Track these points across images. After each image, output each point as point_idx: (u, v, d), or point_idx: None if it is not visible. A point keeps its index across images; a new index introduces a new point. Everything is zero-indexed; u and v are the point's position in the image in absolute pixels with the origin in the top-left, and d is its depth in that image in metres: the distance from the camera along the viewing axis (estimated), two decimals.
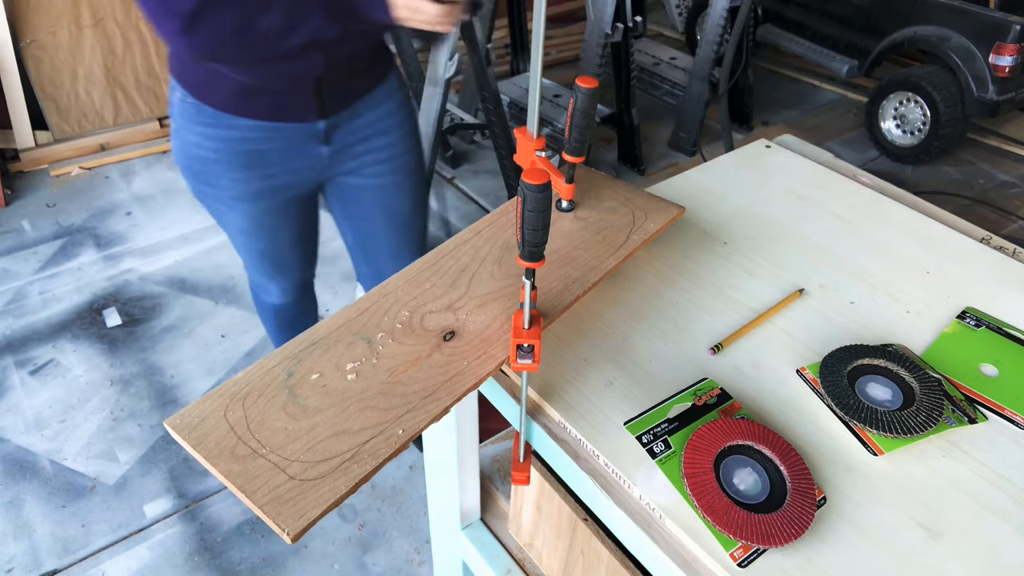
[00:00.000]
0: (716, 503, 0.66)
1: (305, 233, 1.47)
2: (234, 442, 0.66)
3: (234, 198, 1.29)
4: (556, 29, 4.15)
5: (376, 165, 1.35)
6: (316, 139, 1.25)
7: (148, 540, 1.74)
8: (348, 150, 1.31)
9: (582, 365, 0.81)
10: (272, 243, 1.41)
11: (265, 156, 1.24)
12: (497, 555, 1.04)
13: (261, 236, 1.39)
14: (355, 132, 1.29)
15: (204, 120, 1.20)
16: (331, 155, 1.30)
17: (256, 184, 1.27)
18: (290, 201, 1.35)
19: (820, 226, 1.04)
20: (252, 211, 1.32)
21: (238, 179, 1.26)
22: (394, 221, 1.44)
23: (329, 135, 1.26)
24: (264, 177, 1.27)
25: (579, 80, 0.82)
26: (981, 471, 0.72)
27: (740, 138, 3.36)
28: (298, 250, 1.48)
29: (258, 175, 1.26)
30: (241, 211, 1.32)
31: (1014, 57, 2.87)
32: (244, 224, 1.35)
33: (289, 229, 1.41)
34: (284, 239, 1.42)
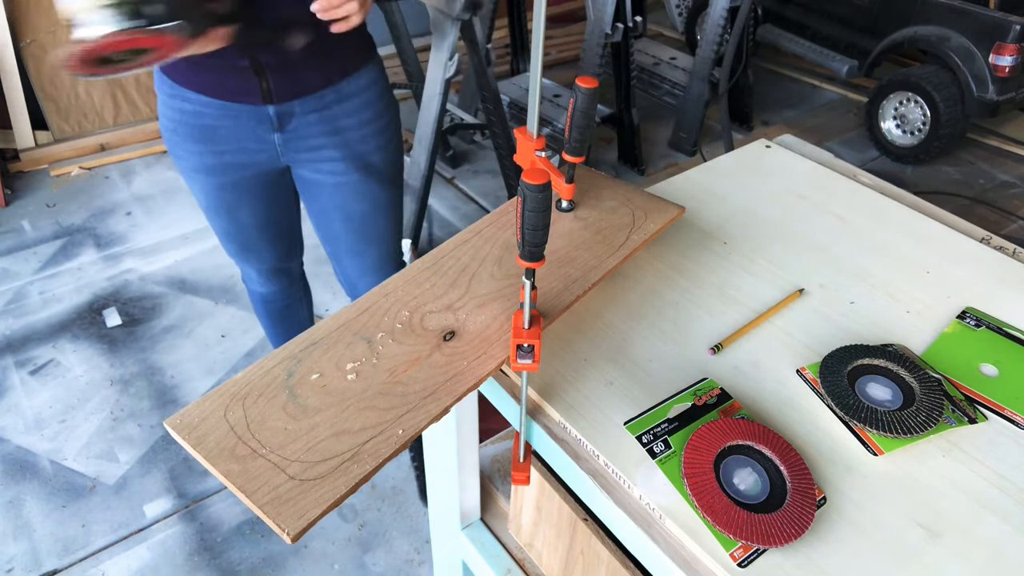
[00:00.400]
0: (716, 503, 0.66)
1: (270, 218, 1.44)
2: (234, 442, 0.66)
3: (191, 169, 1.30)
4: (556, 29, 4.15)
5: (332, 163, 1.32)
6: (268, 124, 1.24)
7: (148, 540, 1.74)
8: (302, 142, 1.28)
9: (582, 365, 0.81)
10: (231, 223, 1.41)
11: (216, 132, 1.24)
12: (497, 555, 1.04)
13: (220, 213, 1.38)
14: (311, 125, 1.26)
15: (166, 90, 1.23)
16: (284, 143, 1.28)
17: (209, 159, 1.28)
18: (246, 181, 1.33)
19: (820, 226, 1.04)
20: (207, 185, 1.32)
21: (192, 151, 1.27)
22: (351, 221, 1.41)
23: (282, 122, 1.25)
24: (215, 153, 1.27)
25: (579, 80, 0.82)
26: (981, 471, 0.72)
27: (740, 138, 3.36)
28: (263, 234, 1.46)
29: (210, 150, 1.27)
30: (198, 184, 1.33)
31: (1014, 57, 2.87)
32: (202, 199, 1.36)
33: (247, 210, 1.39)
34: (244, 220, 1.40)
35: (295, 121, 1.25)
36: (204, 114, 1.22)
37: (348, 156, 1.31)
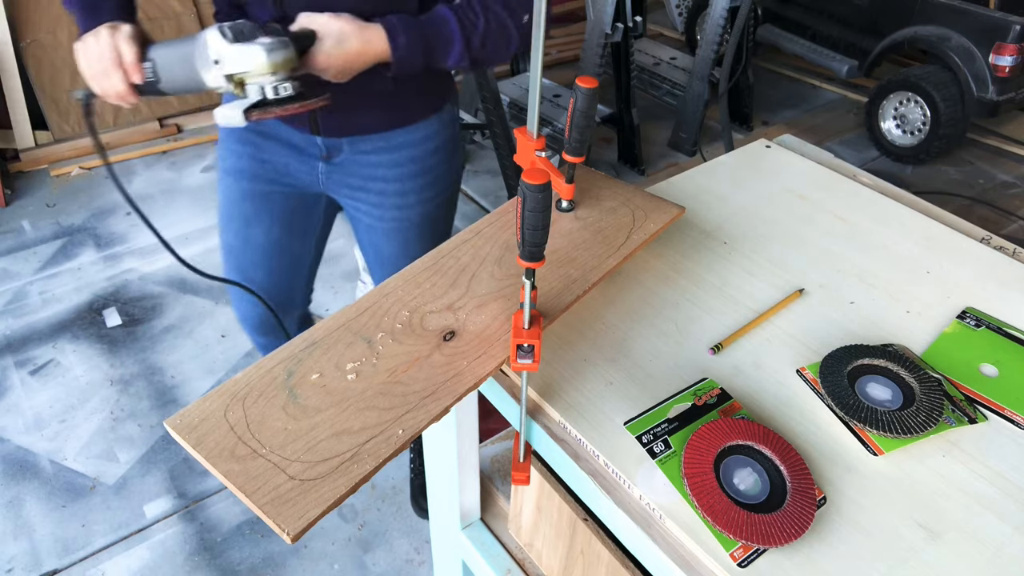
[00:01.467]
0: (716, 503, 0.66)
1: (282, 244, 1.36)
2: (234, 442, 0.66)
3: (226, 170, 1.27)
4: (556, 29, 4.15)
5: (369, 206, 1.28)
6: (316, 152, 1.21)
7: (148, 540, 1.74)
8: (345, 178, 1.25)
9: (582, 365, 0.81)
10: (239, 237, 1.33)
11: (266, 139, 1.22)
12: (497, 555, 1.04)
13: (233, 222, 1.32)
14: (357, 166, 1.23)
15: None
16: (327, 173, 1.25)
17: (246, 161, 1.25)
18: (275, 196, 1.29)
19: (820, 226, 1.04)
20: (234, 190, 1.28)
21: (235, 151, 1.25)
22: (381, 259, 1.37)
23: (330, 154, 1.21)
24: (258, 159, 1.24)
25: (579, 80, 0.82)
26: (981, 471, 0.72)
27: (740, 138, 3.36)
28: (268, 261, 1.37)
29: (252, 153, 1.24)
30: (225, 187, 1.29)
31: (1014, 57, 2.87)
32: (224, 205, 1.31)
33: (262, 227, 1.32)
34: (254, 238, 1.33)
35: (343, 156, 1.22)
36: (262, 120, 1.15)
37: (384, 204, 1.27)
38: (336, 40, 0.94)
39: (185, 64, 0.92)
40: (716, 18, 2.97)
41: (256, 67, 0.89)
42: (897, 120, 3.25)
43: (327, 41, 0.94)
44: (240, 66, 0.89)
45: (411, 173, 1.24)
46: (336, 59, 0.95)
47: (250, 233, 1.33)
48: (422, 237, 1.34)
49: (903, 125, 3.24)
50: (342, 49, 0.95)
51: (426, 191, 1.28)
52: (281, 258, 1.38)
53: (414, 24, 0.99)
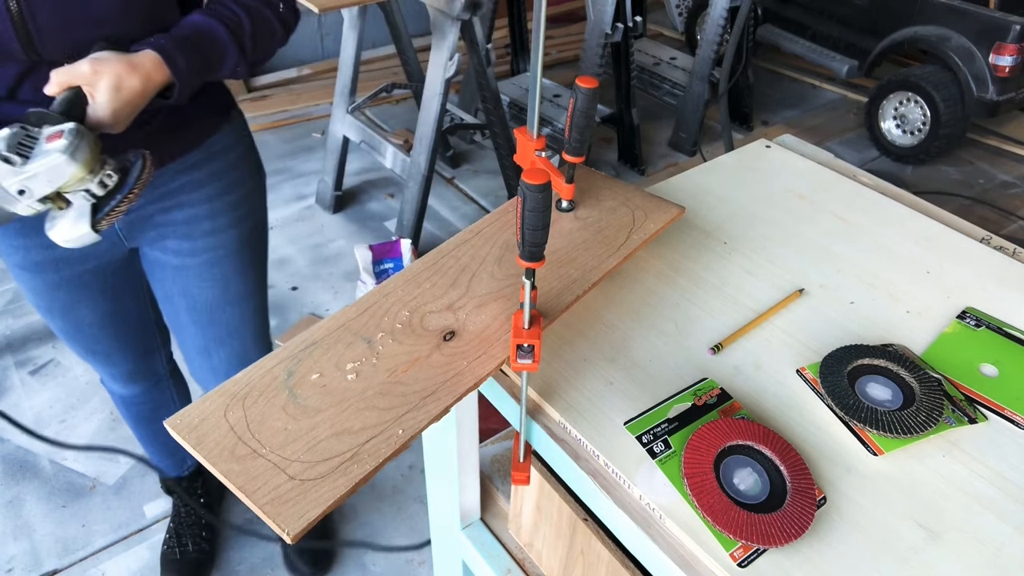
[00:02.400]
0: (716, 503, 0.66)
1: (115, 313, 1.22)
2: (234, 442, 0.66)
3: (17, 266, 1.10)
4: (556, 29, 4.15)
5: (177, 240, 1.13)
6: None
7: (148, 540, 1.74)
8: (147, 220, 1.09)
9: (582, 365, 0.81)
10: (70, 323, 1.19)
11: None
12: (497, 555, 1.04)
13: (55, 314, 1.17)
14: (154, 201, 1.07)
15: None
16: (127, 225, 1.09)
17: (35, 254, 1.07)
18: (85, 275, 1.13)
19: (820, 226, 1.04)
20: (37, 284, 1.12)
21: (16, 246, 1.06)
22: (196, 311, 1.22)
23: None
24: (43, 247, 1.06)
25: (579, 80, 0.82)
26: (981, 471, 0.72)
27: (740, 138, 3.36)
28: (110, 332, 1.24)
29: (36, 244, 1.06)
30: (26, 283, 1.12)
31: (1014, 57, 2.87)
32: (33, 298, 1.15)
33: (89, 308, 1.17)
34: (86, 318, 1.19)
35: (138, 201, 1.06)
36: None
37: (194, 233, 1.13)
38: (113, 87, 0.81)
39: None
40: (716, 18, 2.97)
41: (70, 177, 0.76)
42: (897, 120, 3.25)
43: (102, 93, 0.80)
44: (50, 185, 0.76)
45: (218, 191, 1.12)
46: (120, 108, 0.82)
47: (78, 314, 1.18)
48: (242, 270, 1.21)
49: (903, 125, 3.24)
50: (122, 95, 0.82)
51: (238, 208, 1.16)
52: (121, 325, 1.25)
53: (184, 42, 0.88)
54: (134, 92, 0.82)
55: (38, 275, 1.10)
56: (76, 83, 0.80)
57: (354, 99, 2.64)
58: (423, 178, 2.40)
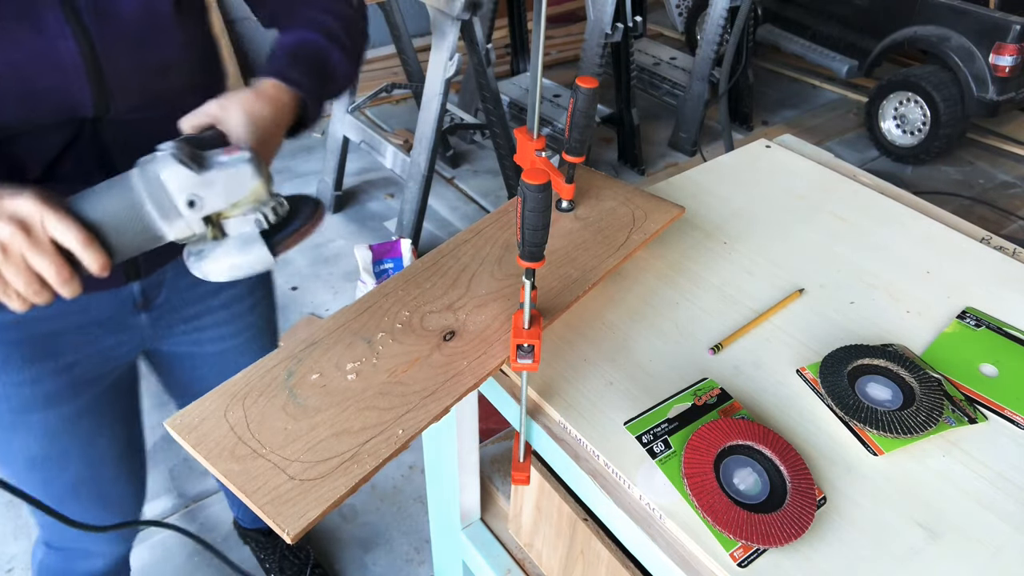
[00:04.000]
0: (716, 503, 0.66)
1: (133, 437, 1.08)
2: (234, 442, 0.66)
3: (18, 410, 0.90)
4: (556, 29, 4.15)
5: (216, 328, 1.04)
6: (131, 306, 0.92)
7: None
8: (177, 313, 0.98)
9: (582, 365, 0.81)
10: (88, 464, 1.00)
11: (59, 341, 0.88)
12: (497, 555, 1.04)
13: (70, 458, 0.97)
14: (186, 290, 0.97)
15: None
16: (153, 323, 0.97)
17: (49, 383, 0.89)
18: (105, 395, 0.97)
19: (820, 226, 1.04)
20: (49, 424, 0.92)
21: (21, 381, 0.88)
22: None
23: (149, 298, 0.93)
24: (59, 371, 0.90)
25: (579, 80, 0.82)
26: (981, 471, 0.72)
27: (740, 138, 3.36)
28: (127, 466, 1.07)
29: (50, 369, 0.89)
30: (31, 429, 0.92)
31: (1014, 57, 2.87)
32: (39, 449, 0.94)
33: (109, 436, 1.00)
34: (105, 453, 1.01)
35: (165, 291, 0.94)
36: (33, 320, 0.85)
37: (232, 316, 1.05)
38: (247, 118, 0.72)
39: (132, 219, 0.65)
40: (716, 18, 2.97)
41: (249, 193, 0.67)
42: (897, 120, 3.25)
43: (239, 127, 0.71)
44: (226, 198, 0.66)
45: None
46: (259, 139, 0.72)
47: (98, 450, 1.00)
48: (270, 340, 1.14)
49: (903, 125, 3.24)
50: (257, 125, 0.72)
51: (264, 282, 1.09)
52: (138, 452, 1.10)
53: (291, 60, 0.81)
54: (266, 120, 0.74)
55: (51, 410, 0.91)
56: (207, 123, 0.71)
57: (354, 99, 2.64)
58: (423, 178, 2.40)
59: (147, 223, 0.65)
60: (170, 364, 1.08)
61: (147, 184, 0.64)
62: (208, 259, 0.68)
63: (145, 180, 0.64)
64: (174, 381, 1.13)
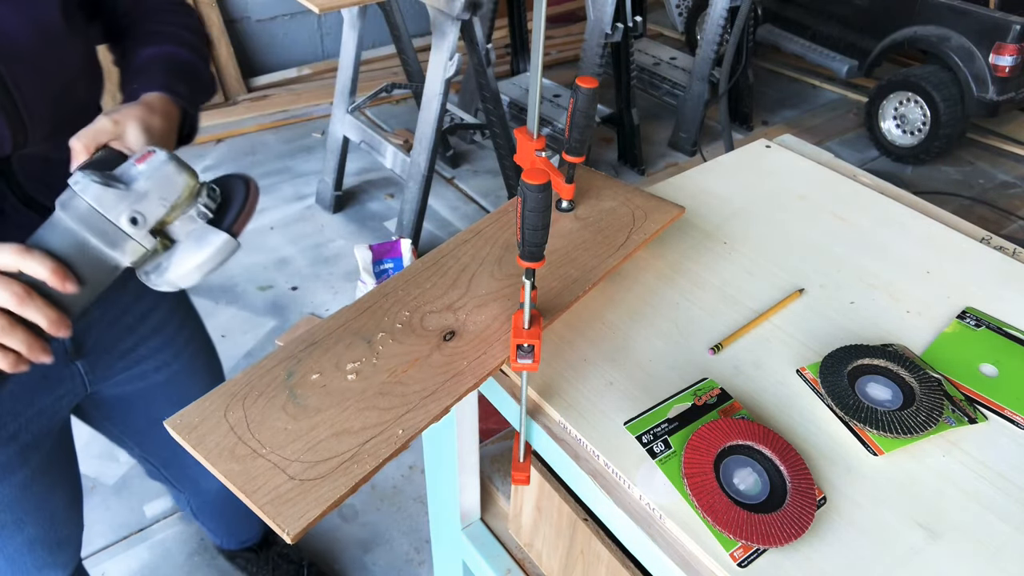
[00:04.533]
0: (716, 503, 0.66)
1: (76, 475, 1.04)
2: (234, 442, 0.66)
3: None
4: (556, 29, 4.15)
5: (155, 355, 1.00)
6: (62, 357, 0.89)
7: (148, 540, 1.74)
8: (112, 352, 0.95)
9: (582, 365, 0.81)
10: (43, 522, 0.98)
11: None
12: (497, 555, 1.04)
13: (26, 522, 0.94)
14: (114, 325, 0.93)
15: None
16: (91, 368, 0.94)
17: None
18: (51, 453, 0.95)
19: (820, 226, 1.04)
20: (3, 496, 0.91)
21: None
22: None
23: (79, 344, 0.90)
24: (4, 443, 0.88)
25: (579, 80, 0.82)
26: (981, 471, 0.72)
27: (740, 138, 3.36)
28: (76, 506, 1.05)
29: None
30: None
31: (1014, 57, 2.87)
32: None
33: (60, 490, 0.99)
34: (58, 507, 0.99)
35: (94, 332, 0.91)
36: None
37: (170, 336, 1.02)
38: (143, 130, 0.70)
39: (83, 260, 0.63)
40: (716, 18, 2.97)
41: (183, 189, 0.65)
42: (897, 120, 3.25)
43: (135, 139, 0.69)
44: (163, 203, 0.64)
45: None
46: None
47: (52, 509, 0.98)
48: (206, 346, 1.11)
49: (903, 125, 3.24)
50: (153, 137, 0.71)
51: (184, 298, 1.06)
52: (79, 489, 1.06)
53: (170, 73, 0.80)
54: (162, 131, 0.73)
55: (4, 483, 0.89)
56: (103, 140, 0.69)
57: (354, 99, 2.64)
58: (423, 178, 2.40)
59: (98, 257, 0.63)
60: (121, 408, 1.04)
61: (81, 220, 0.62)
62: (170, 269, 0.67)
63: (78, 217, 0.62)
64: (130, 426, 1.08)
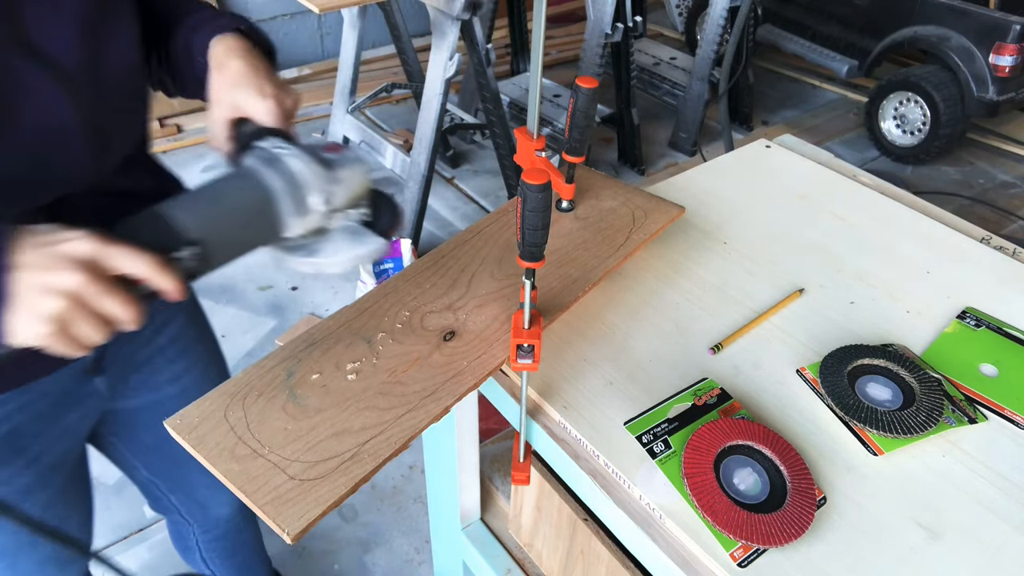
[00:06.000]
0: (716, 503, 0.66)
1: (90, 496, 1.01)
2: (234, 442, 0.66)
3: None
4: (556, 29, 4.15)
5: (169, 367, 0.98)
6: (84, 375, 0.87)
7: (148, 540, 1.74)
8: (129, 364, 0.93)
9: (582, 365, 0.81)
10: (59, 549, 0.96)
11: (23, 435, 0.83)
12: (497, 555, 1.04)
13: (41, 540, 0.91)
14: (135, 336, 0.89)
15: None
16: (110, 383, 0.91)
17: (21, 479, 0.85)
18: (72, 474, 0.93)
19: (820, 226, 1.04)
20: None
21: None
22: None
23: (100, 361, 0.88)
24: (28, 464, 0.85)
25: (579, 80, 0.82)
26: (981, 471, 0.72)
27: (740, 138, 3.36)
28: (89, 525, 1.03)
29: (20, 466, 0.84)
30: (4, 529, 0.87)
31: (1014, 57, 2.87)
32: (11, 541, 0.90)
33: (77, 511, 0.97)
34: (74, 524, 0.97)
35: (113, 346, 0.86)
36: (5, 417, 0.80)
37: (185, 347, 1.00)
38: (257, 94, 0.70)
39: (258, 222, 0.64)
40: (716, 18, 2.97)
41: (360, 190, 0.68)
42: (897, 120, 3.25)
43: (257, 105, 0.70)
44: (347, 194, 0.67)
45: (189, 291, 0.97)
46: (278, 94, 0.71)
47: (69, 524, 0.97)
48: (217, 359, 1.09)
49: (903, 125, 3.24)
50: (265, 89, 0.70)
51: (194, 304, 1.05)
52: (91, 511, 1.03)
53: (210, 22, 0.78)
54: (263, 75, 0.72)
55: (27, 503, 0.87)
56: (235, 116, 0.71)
57: (354, 99, 2.64)
58: (423, 178, 2.40)
59: (273, 220, 0.64)
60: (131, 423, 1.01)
61: (283, 180, 0.63)
62: (320, 254, 0.68)
63: (280, 176, 0.63)
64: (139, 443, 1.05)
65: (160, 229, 0.59)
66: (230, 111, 0.71)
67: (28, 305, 0.54)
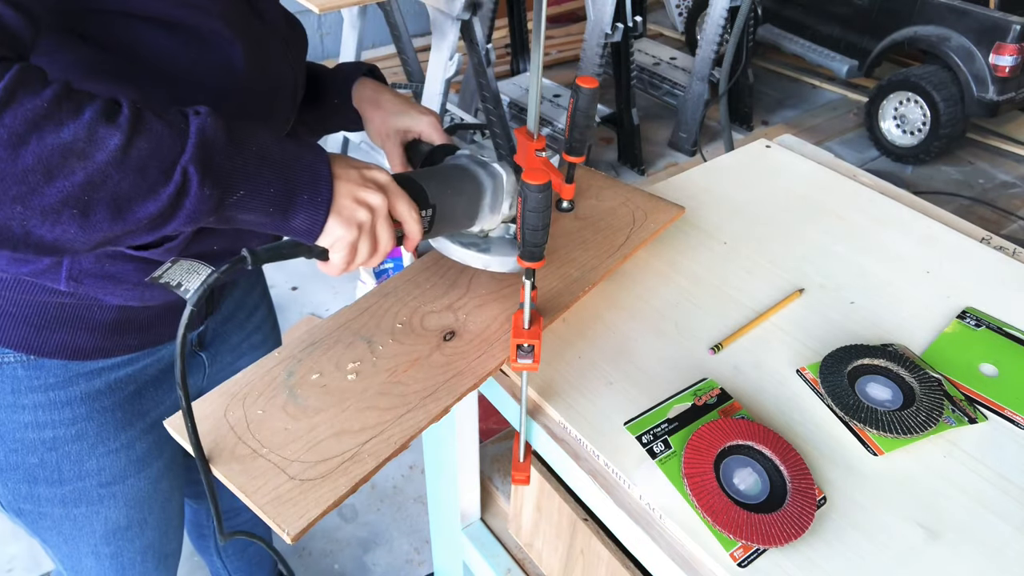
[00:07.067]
0: (716, 503, 0.66)
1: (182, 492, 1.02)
2: (234, 442, 0.66)
3: (108, 481, 0.85)
4: (556, 29, 4.15)
5: (253, 352, 1.02)
6: (192, 348, 0.93)
7: None
8: (225, 343, 0.98)
9: (582, 365, 0.81)
10: (160, 527, 0.96)
11: (143, 399, 0.86)
12: (497, 555, 1.04)
13: (148, 523, 0.93)
14: (230, 318, 0.97)
15: (47, 383, 0.77)
16: (211, 360, 0.96)
17: (140, 446, 0.86)
18: (176, 451, 0.94)
19: (820, 226, 1.04)
20: (139, 490, 0.89)
21: (117, 448, 0.84)
22: None
23: (204, 335, 0.93)
24: (146, 431, 0.87)
25: (579, 80, 0.82)
26: (981, 471, 0.72)
27: (740, 138, 3.36)
28: (182, 524, 1.05)
29: (140, 431, 0.86)
30: (117, 499, 0.87)
31: (1014, 57, 2.87)
32: (123, 518, 0.89)
33: (179, 495, 0.99)
34: (174, 513, 0.99)
35: (212, 323, 0.94)
36: (121, 382, 0.83)
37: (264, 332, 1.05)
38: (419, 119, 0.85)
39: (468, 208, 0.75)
40: (716, 18, 2.97)
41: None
42: (897, 120, 3.25)
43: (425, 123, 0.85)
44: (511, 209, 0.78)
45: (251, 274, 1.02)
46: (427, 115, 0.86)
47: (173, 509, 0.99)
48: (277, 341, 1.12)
49: (903, 125, 3.24)
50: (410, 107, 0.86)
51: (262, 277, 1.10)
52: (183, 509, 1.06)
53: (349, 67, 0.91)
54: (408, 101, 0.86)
55: (142, 474, 0.88)
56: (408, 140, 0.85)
57: None
58: None
59: (473, 213, 0.75)
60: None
61: (492, 181, 0.76)
62: (491, 254, 0.78)
63: (491, 177, 0.76)
64: None
65: (415, 190, 0.69)
66: (403, 136, 0.84)
67: (343, 208, 0.63)
